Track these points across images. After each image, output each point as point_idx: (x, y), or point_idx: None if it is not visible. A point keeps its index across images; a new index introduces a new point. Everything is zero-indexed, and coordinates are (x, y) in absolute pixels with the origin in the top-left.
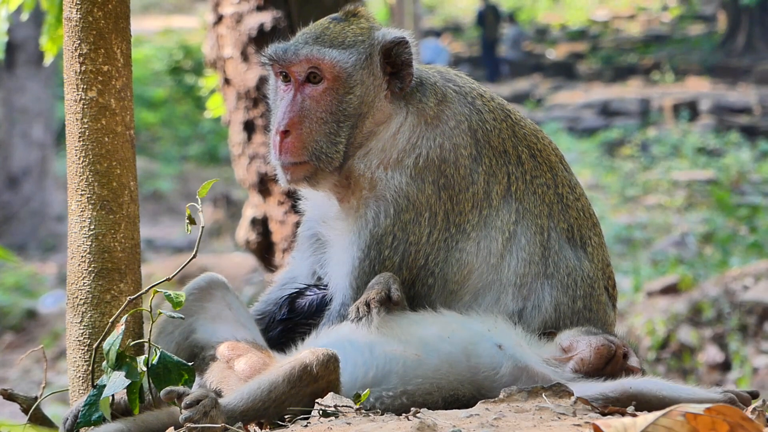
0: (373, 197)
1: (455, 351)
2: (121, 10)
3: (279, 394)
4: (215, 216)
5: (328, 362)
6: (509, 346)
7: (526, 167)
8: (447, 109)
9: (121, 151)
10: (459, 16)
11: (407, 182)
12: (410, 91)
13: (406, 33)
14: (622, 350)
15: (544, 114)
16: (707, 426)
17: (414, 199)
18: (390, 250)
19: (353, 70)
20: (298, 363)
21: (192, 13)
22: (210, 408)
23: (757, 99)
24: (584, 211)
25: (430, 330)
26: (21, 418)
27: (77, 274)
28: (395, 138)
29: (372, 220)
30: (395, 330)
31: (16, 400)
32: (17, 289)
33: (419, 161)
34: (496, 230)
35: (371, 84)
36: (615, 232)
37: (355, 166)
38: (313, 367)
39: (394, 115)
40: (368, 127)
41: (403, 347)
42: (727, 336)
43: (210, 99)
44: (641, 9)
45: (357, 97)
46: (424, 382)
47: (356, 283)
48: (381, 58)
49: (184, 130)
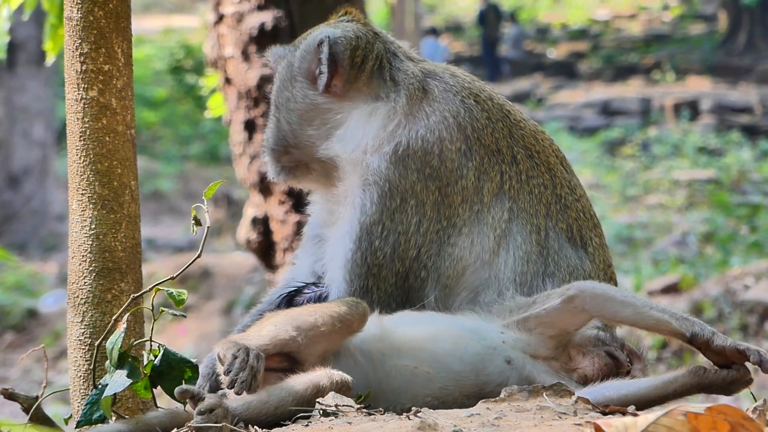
0: (359, 184)
1: (466, 370)
2: (122, 10)
3: (285, 411)
4: (216, 215)
5: (341, 389)
6: (517, 358)
7: (522, 167)
8: (428, 106)
9: (122, 151)
10: (460, 15)
11: (387, 167)
12: (379, 87)
13: (336, 32)
14: (626, 367)
15: (545, 113)
16: (708, 425)
17: (397, 185)
18: (380, 241)
19: (284, 71)
20: (311, 384)
21: (193, 12)
22: (221, 419)
23: (758, 98)
24: (584, 211)
25: (443, 346)
26: (22, 418)
27: (78, 273)
28: (367, 124)
29: (359, 208)
30: (410, 343)
31: (16, 399)
32: (18, 288)
33: (399, 149)
34: (488, 227)
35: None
36: (616, 232)
37: (332, 151)
38: (326, 391)
39: (352, 108)
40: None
41: (417, 363)
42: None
43: (211, 98)
44: (642, 8)
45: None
46: (433, 401)
47: (350, 276)
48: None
49: (185, 130)
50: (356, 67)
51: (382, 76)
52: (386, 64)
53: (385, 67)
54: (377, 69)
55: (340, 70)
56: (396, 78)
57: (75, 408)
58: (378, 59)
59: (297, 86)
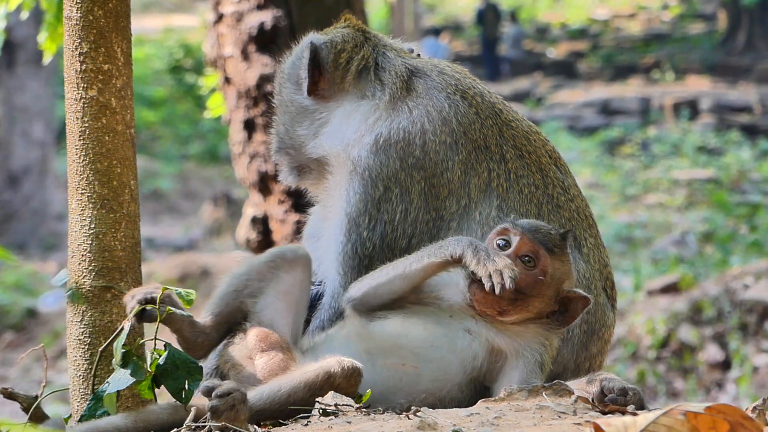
0: (345, 177)
1: (443, 354)
2: (122, 9)
3: (297, 399)
4: (215, 215)
5: (351, 375)
6: (471, 326)
7: (510, 166)
8: (411, 101)
9: (121, 150)
10: (459, 14)
11: (367, 155)
12: (365, 86)
13: (321, 38)
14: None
15: (545, 113)
16: (708, 425)
17: (378, 172)
18: (368, 231)
19: (278, 77)
20: (322, 371)
21: (192, 11)
22: (239, 402)
23: (758, 98)
24: (579, 212)
25: (417, 340)
26: (21, 417)
27: (78, 272)
28: (349, 120)
29: (345, 199)
30: (390, 341)
31: (16, 398)
32: (17, 287)
33: (379, 139)
34: (476, 223)
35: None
36: (615, 231)
37: (320, 148)
38: (337, 378)
39: (337, 107)
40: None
41: (402, 360)
42: (728, 335)
43: (210, 98)
44: (641, 8)
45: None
46: (428, 397)
47: (343, 269)
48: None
49: (184, 129)
50: (341, 68)
51: (369, 76)
52: (372, 65)
53: (371, 67)
54: (363, 70)
55: (324, 74)
56: (382, 78)
57: (75, 407)
58: (364, 61)
59: (286, 91)
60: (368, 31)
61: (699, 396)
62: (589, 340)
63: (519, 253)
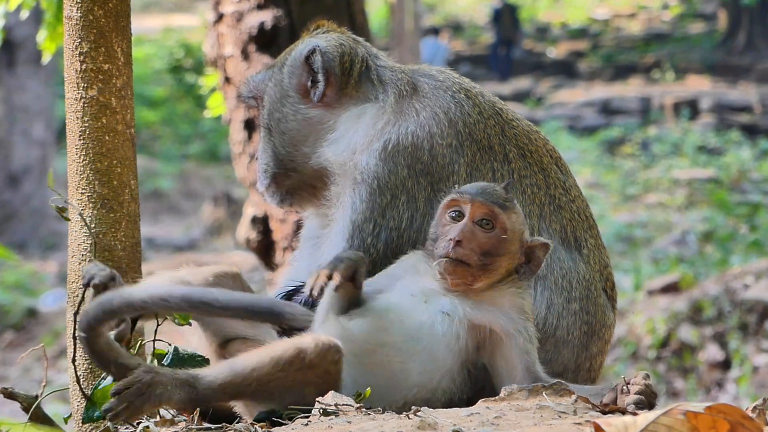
0: (350, 184)
1: (426, 343)
2: (122, 9)
3: (262, 374)
4: (216, 214)
5: (326, 352)
6: (446, 305)
7: (514, 166)
8: (418, 102)
9: (121, 150)
10: (459, 14)
11: (376, 163)
12: (367, 89)
13: (322, 42)
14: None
15: (545, 112)
16: (708, 425)
17: (387, 181)
18: (372, 237)
19: (273, 92)
20: (292, 347)
21: (192, 11)
22: (146, 386)
23: (758, 97)
24: (579, 212)
25: (397, 333)
26: (21, 417)
27: (78, 272)
28: (356, 125)
29: (350, 207)
30: (369, 343)
31: (16, 398)
32: (18, 287)
33: (388, 145)
34: None
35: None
36: (615, 231)
37: (323, 157)
38: (308, 354)
39: (342, 113)
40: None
41: (387, 357)
42: (728, 334)
43: (210, 98)
44: (642, 7)
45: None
46: (420, 390)
47: None
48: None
49: (184, 129)
50: (346, 73)
51: (369, 78)
52: (372, 65)
53: (371, 68)
54: (364, 71)
55: (332, 79)
56: (383, 78)
57: (75, 407)
58: (363, 62)
59: (288, 103)
60: (352, 35)
61: (699, 396)
62: (590, 340)
63: (475, 219)
